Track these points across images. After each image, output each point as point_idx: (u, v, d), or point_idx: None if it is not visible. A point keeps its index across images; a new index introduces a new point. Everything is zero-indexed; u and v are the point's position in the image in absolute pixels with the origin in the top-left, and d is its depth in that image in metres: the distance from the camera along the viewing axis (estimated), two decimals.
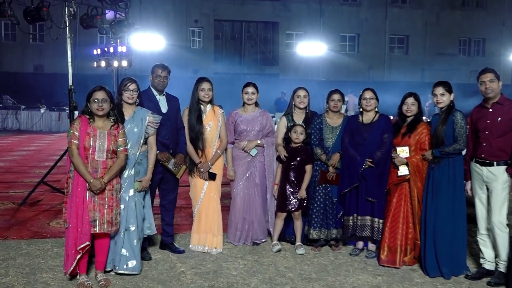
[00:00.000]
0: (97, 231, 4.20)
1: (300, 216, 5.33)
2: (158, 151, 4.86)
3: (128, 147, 4.46)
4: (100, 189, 4.16)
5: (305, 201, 5.29)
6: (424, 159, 4.83)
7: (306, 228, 5.44)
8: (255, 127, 5.40)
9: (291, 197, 5.25)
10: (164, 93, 5.14)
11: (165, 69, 5.06)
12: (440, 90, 4.77)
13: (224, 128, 5.29)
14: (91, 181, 4.11)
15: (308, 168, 5.32)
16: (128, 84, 4.60)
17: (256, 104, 5.51)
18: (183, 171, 5.12)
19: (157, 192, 5.22)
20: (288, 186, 5.26)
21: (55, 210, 6.96)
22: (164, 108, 5.07)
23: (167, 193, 5.23)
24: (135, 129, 4.56)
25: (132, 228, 4.50)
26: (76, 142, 4.13)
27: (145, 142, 4.67)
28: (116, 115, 4.36)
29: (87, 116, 4.24)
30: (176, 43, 25.84)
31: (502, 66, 28.15)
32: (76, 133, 4.14)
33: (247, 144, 5.36)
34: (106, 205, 4.22)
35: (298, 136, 5.29)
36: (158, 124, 4.70)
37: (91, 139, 4.16)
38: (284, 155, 5.28)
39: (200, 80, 5.21)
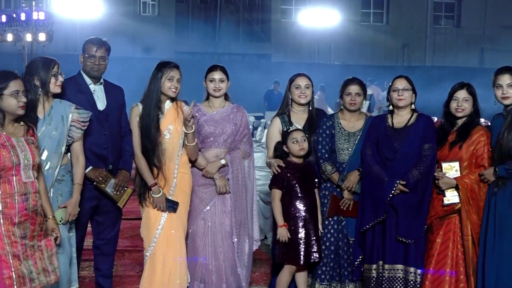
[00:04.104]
0: None
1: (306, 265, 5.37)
2: (91, 167, 4.88)
3: (44, 158, 4.48)
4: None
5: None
6: (482, 181, 4.89)
7: (309, 280, 5.47)
8: (226, 129, 5.41)
9: (310, 241, 5.25)
10: (102, 81, 5.16)
11: (102, 46, 5.07)
12: (507, 79, 4.86)
13: (192, 138, 5.28)
14: None
15: (316, 193, 5.38)
16: (53, 65, 4.62)
17: (226, 97, 5.56)
18: (127, 196, 5.13)
19: (89, 228, 5.22)
20: (300, 226, 5.27)
21: None
22: (101, 104, 5.09)
23: (103, 229, 5.23)
24: (54, 132, 4.57)
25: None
26: None
27: (68, 151, 4.68)
28: (31, 115, 4.34)
29: None
30: (119, 8, 25.83)
31: None
32: None
33: (206, 169, 5.34)
34: (35, 246, 4.15)
35: (302, 145, 5.29)
36: (87, 123, 4.72)
37: (11, 153, 4.05)
38: (278, 167, 5.27)
39: (167, 65, 5.19)
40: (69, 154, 4.74)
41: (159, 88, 5.10)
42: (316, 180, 5.38)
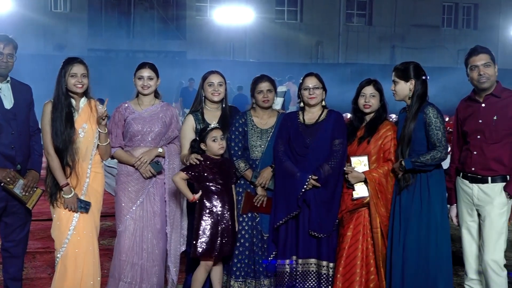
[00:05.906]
0: None
1: (221, 261, 5.38)
2: None
3: None
4: None
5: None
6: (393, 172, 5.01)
7: (224, 278, 5.48)
8: (154, 127, 5.40)
9: (224, 235, 5.25)
10: (9, 79, 5.06)
11: (9, 43, 4.97)
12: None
13: (104, 137, 5.24)
14: None
15: (232, 189, 5.40)
16: None
17: (157, 94, 5.55)
18: (37, 197, 5.05)
19: None
20: (216, 221, 5.26)
21: None
22: (8, 102, 5.00)
23: (12, 230, 5.12)
24: None
25: None
26: None
27: None
28: None
29: None
30: (30, 4, 25.24)
31: (500, 43, 29.71)
32: None
33: (143, 155, 5.34)
34: None
35: (222, 143, 5.27)
36: None
37: None
38: (196, 160, 5.23)
39: (70, 62, 5.15)
40: None
41: (64, 85, 5.08)
42: (234, 178, 5.41)
